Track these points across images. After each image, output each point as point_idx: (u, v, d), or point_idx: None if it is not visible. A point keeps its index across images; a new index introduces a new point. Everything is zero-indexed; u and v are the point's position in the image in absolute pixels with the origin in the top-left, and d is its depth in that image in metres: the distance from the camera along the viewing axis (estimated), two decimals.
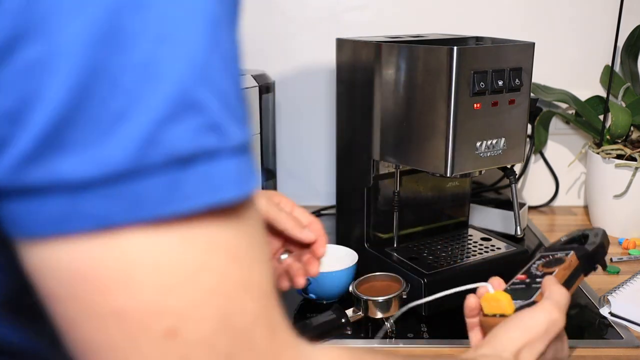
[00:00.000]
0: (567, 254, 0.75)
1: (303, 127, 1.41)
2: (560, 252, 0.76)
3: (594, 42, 1.36)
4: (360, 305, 0.90)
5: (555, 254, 0.76)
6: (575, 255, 0.74)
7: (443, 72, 0.87)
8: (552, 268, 0.73)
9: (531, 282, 0.72)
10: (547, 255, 0.77)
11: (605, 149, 1.25)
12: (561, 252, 0.76)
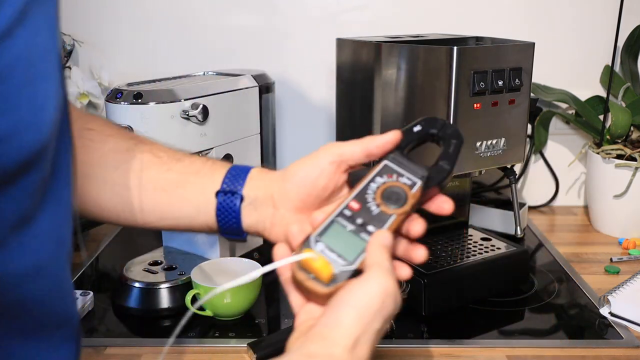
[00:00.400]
0: (413, 183, 0.60)
1: (303, 127, 1.41)
2: (405, 177, 0.60)
3: (594, 42, 1.36)
4: None
5: (400, 178, 0.60)
6: (421, 188, 0.60)
7: (443, 72, 0.87)
8: (391, 208, 0.58)
9: (362, 222, 0.57)
10: (392, 173, 0.61)
11: (605, 149, 1.25)
12: (407, 176, 0.61)
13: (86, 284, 1.08)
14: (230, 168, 0.67)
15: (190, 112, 0.94)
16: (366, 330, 0.51)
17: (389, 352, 0.87)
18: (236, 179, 0.66)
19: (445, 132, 0.63)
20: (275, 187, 0.64)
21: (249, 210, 0.65)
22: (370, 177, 0.61)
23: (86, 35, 1.35)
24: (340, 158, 0.62)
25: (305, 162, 0.64)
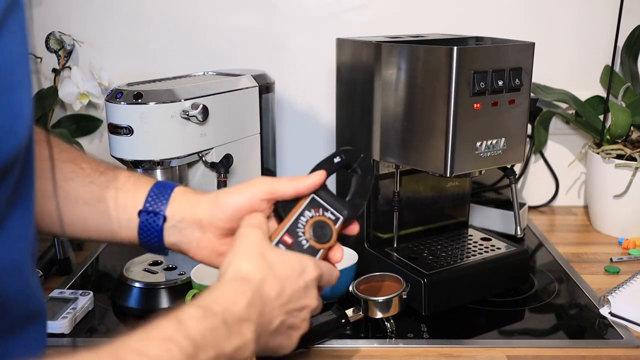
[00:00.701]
0: (337, 218, 0.68)
1: (303, 127, 1.41)
2: (330, 212, 0.68)
3: (594, 42, 1.36)
4: (360, 305, 0.90)
5: (325, 212, 0.68)
6: (342, 223, 0.69)
7: (443, 72, 0.87)
8: (319, 244, 0.67)
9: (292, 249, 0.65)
10: (318, 208, 0.68)
11: (605, 149, 1.25)
12: (332, 211, 0.69)
13: (86, 284, 1.08)
14: (153, 186, 0.69)
15: (190, 112, 0.94)
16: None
17: (389, 352, 0.87)
18: (159, 198, 0.67)
19: (361, 166, 0.72)
20: (205, 213, 0.67)
21: (172, 231, 0.67)
22: (300, 210, 0.67)
23: (86, 35, 1.34)
24: (271, 196, 0.67)
25: (238, 193, 0.67)
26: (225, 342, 0.52)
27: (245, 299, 0.55)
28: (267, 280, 0.59)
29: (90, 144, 1.43)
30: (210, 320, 0.52)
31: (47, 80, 1.36)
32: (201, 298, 0.55)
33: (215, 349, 0.51)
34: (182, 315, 0.51)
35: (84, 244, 1.24)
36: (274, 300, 0.59)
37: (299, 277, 0.61)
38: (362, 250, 1.06)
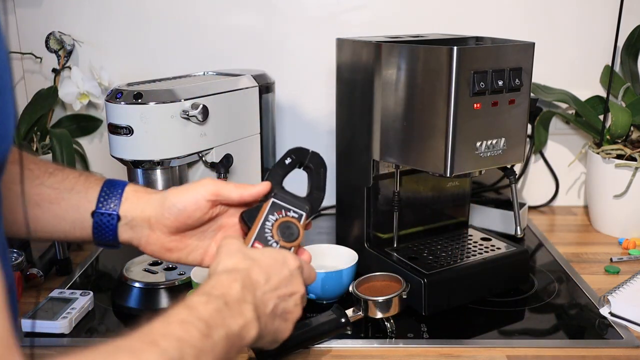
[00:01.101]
0: (300, 215, 0.74)
1: (303, 127, 1.41)
2: (292, 211, 0.73)
3: (594, 42, 1.36)
4: (360, 305, 0.90)
5: (288, 213, 0.73)
6: (306, 218, 0.74)
7: (443, 72, 0.87)
8: (288, 243, 0.72)
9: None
10: (280, 210, 0.73)
11: (605, 149, 1.25)
12: (294, 210, 0.73)
13: (86, 284, 1.08)
14: (103, 185, 0.71)
15: (190, 112, 0.94)
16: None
17: (389, 352, 0.87)
18: (110, 198, 0.70)
19: (313, 162, 0.77)
20: (152, 212, 0.70)
21: (125, 229, 0.70)
22: (264, 216, 0.72)
23: (86, 35, 1.35)
24: (216, 198, 0.71)
25: (184, 194, 0.70)
26: (231, 321, 0.57)
27: (238, 284, 0.60)
28: (253, 268, 0.64)
29: (90, 144, 1.43)
30: (214, 303, 0.57)
31: (47, 80, 1.36)
32: (200, 288, 0.60)
33: (224, 327, 0.56)
34: (190, 302, 0.56)
35: (84, 244, 1.24)
36: (263, 285, 0.63)
37: (283, 266, 0.66)
38: (362, 250, 1.06)
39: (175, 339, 0.50)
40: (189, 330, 0.52)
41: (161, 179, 0.98)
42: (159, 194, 0.72)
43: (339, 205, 1.16)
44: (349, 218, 1.13)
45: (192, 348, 0.51)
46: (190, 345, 0.51)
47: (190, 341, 0.51)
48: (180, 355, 0.49)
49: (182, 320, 0.53)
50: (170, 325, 0.52)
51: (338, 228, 1.18)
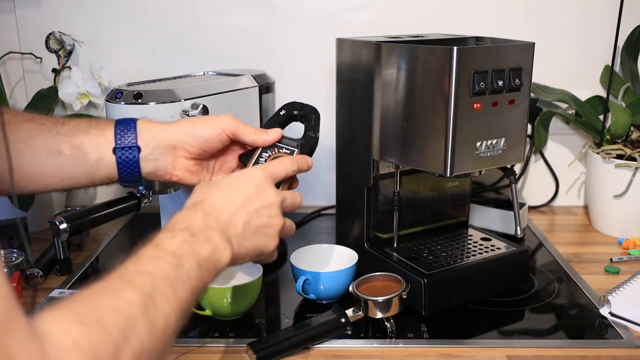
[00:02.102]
0: (292, 151, 0.80)
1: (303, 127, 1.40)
2: (285, 149, 0.80)
3: (594, 42, 1.36)
4: (360, 305, 0.90)
5: (281, 150, 0.80)
6: (299, 153, 0.80)
7: (443, 72, 0.87)
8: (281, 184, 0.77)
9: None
10: (274, 148, 0.80)
11: (605, 149, 1.25)
12: (286, 147, 0.81)
13: (86, 284, 1.08)
14: (115, 124, 0.75)
15: (190, 112, 0.94)
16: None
17: (389, 352, 0.87)
18: (127, 133, 0.74)
19: (305, 111, 0.85)
20: (177, 140, 0.76)
21: (147, 161, 0.75)
22: (258, 154, 0.79)
23: (86, 35, 1.35)
24: (234, 135, 0.78)
25: (208, 125, 0.77)
26: (200, 248, 0.60)
27: (200, 214, 0.64)
28: (212, 195, 0.67)
29: None
30: (179, 236, 0.60)
31: (47, 80, 1.36)
32: (165, 226, 0.63)
33: (194, 255, 0.59)
34: (156, 240, 0.60)
35: (84, 244, 1.24)
36: (227, 207, 0.66)
37: (246, 184, 0.69)
38: (362, 250, 1.06)
39: (148, 275, 0.53)
40: (159, 264, 0.55)
41: None
42: (180, 123, 0.77)
43: (339, 205, 1.16)
44: (349, 218, 1.13)
45: (165, 279, 0.54)
46: (164, 277, 0.54)
47: (162, 274, 0.54)
48: (155, 288, 0.53)
49: (152, 257, 0.57)
50: (141, 263, 0.55)
51: (338, 228, 1.18)
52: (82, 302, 0.48)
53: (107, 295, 0.50)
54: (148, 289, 0.52)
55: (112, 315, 0.47)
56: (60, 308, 0.46)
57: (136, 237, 1.30)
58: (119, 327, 0.47)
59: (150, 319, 0.50)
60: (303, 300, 1.01)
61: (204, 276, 0.59)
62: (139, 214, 1.34)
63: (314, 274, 0.97)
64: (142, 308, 0.50)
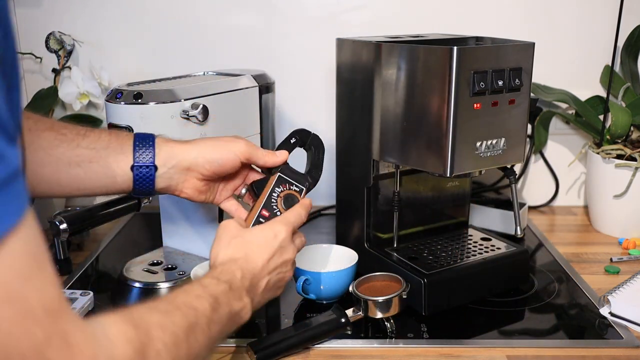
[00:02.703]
0: (301, 190, 0.86)
1: (303, 127, 1.40)
2: (295, 186, 0.86)
3: (594, 42, 1.36)
4: (360, 305, 0.90)
5: (291, 187, 0.86)
6: (306, 192, 0.86)
7: (443, 72, 0.87)
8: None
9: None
10: (285, 183, 0.85)
11: (605, 149, 1.25)
12: (296, 184, 0.86)
13: (86, 284, 1.08)
14: (134, 139, 0.78)
15: (190, 112, 0.94)
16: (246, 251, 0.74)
17: (389, 352, 0.87)
18: (145, 151, 0.78)
19: (314, 143, 0.91)
20: (192, 162, 0.80)
21: (162, 178, 0.80)
22: (271, 188, 0.85)
23: (86, 35, 1.35)
24: (247, 160, 0.83)
25: (222, 151, 0.81)
26: (234, 303, 0.68)
27: (240, 273, 0.71)
28: (250, 254, 0.74)
29: None
30: (223, 286, 0.67)
31: (47, 80, 1.36)
32: (210, 274, 0.70)
33: (228, 306, 0.66)
34: (203, 282, 0.67)
35: (84, 244, 1.24)
36: (254, 268, 0.73)
37: (274, 241, 0.76)
38: (362, 250, 1.06)
39: (193, 308, 0.61)
40: (203, 303, 0.63)
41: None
42: (197, 145, 0.81)
43: (339, 205, 1.16)
44: (349, 218, 1.13)
45: (205, 317, 0.61)
46: (204, 315, 0.62)
47: (203, 312, 0.62)
48: (196, 321, 0.60)
49: (198, 295, 0.64)
50: (188, 297, 0.63)
51: (338, 228, 1.18)
52: (134, 312, 0.54)
53: (157, 313, 0.57)
54: (191, 320, 0.59)
55: (159, 330, 0.54)
56: (114, 312, 0.52)
57: (136, 237, 1.30)
58: (162, 341, 0.53)
59: (189, 344, 0.57)
60: (303, 300, 1.01)
61: (229, 325, 0.68)
62: (139, 214, 1.35)
63: (314, 274, 0.97)
64: (184, 332, 0.57)
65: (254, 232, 0.77)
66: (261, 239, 0.76)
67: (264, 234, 0.77)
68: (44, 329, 0.42)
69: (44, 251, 0.43)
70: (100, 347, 0.46)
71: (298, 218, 0.81)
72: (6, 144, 0.39)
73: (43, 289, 0.42)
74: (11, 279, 0.40)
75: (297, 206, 0.83)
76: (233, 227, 0.77)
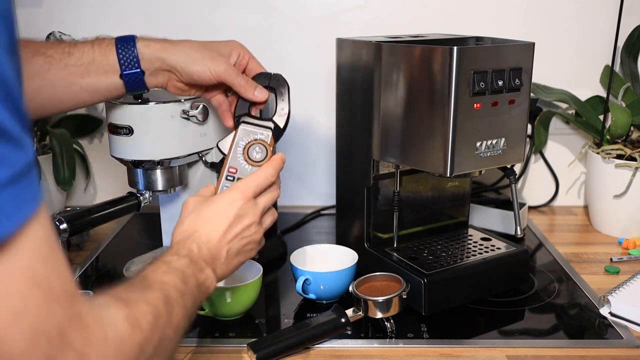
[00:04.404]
0: (267, 136, 0.84)
1: (303, 127, 1.41)
2: (259, 130, 0.84)
3: (594, 42, 1.36)
4: (360, 305, 0.90)
5: (255, 136, 0.84)
6: (273, 136, 0.84)
7: (443, 72, 0.87)
8: (259, 162, 0.83)
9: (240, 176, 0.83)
10: (249, 134, 0.84)
11: (605, 149, 1.25)
12: (261, 130, 0.84)
13: (86, 284, 1.08)
14: (117, 47, 0.81)
15: (190, 112, 0.94)
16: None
17: (389, 352, 0.87)
18: (129, 58, 0.81)
19: (274, 82, 0.88)
20: (171, 66, 0.83)
21: (150, 78, 0.84)
22: (235, 143, 0.83)
23: (86, 35, 1.34)
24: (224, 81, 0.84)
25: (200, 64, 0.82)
26: (198, 274, 0.70)
27: (195, 246, 0.73)
28: (202, 227, 0.75)
29: (90, 144, 1.43)
30: (184, 260, 0.70)
31: None
32: (168, 251, 0.72)
33: (194, 278, 0.69)
34: (165, 259, 0.69)
35: (84, 244, 1.24)
36: (209, 240, 0.74)
37: (229, 209, 0.76)
38: (362, 250, 1.06)
39: (164, 283, 0.64)
40: (171, 277, 0.65)
41: (161, 179, 0.98)
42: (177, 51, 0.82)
43: (339, 205, 1.16)
44: (349, 218, 1.13)
45: (176, 290, 0.64)
46: (175, 287, 0.64)
47: (174, 285, 0.64)
48: (170, 293, 0.62)
49: (165, 271, 0.66)
50: (156, 274, 0.65)
51: (338, 228, 1.18)
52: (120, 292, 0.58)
53: (137, 291, 0.60)
54: (165, 293, 0.62)
55: (144, 305, 0.57)
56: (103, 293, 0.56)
57: (136, 237, 1.30)
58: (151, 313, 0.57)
59: (169, 313, 0.60)
60: (303, 300, 1.01)
61: (200, 296, 0.70)
62: (139, 214, 1.34)
63: (314, 274, 0.97)
64: (163, 304, 0.60)
65: (210, 205, 0.77)
66: (214, 210, 0.76)
67: (217, 205, 0.77)
68: (64, 310, 0.44)
69: (56, 236, 0.45)
70: (107, 327, 0.49)
71: (260, 179, 0.80)
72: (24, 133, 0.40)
73: (60, 272, 0.45)
74: (35, 263, 0.42)
75: (264, 167, 0.81)
76: (191, 203, 0.78)
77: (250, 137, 0.84)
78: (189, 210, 0.78)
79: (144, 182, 0.98)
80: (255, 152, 0.83)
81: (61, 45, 0.81)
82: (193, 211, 0.77)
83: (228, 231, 0.76)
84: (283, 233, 1.30)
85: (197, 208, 0.77)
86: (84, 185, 1.45)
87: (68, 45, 0.81)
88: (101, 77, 0.81)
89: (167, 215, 1.12)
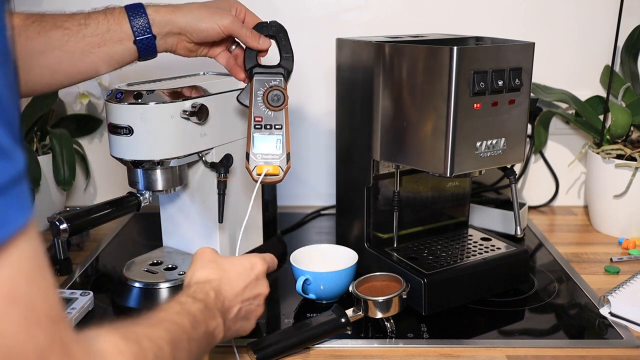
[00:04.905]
0: (280, 81, 0.89)
1: (303, 127, 1.41)
2: (272, 77, 0.89)
3: (594, 42, 1.36)
4: (360, 305, 0.90)
5: (270, 81, 0.89)
6: (285, 81, 0.90)
7: (443, 72, 0.87)
8: (279, 107, 0.88)
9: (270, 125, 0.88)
10: (263, 83, 0.89)
11: (605, 149, 1.25)
12: (273, 77, 0.89)
13: (86, 284, 1.08)
14: (128, 15, 0.85)
15: (190, 112, 0.94)
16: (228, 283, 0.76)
17: (389, 352, 0.87)
18: (141, 24, 0.85)
19: (273, 30, 0.93)
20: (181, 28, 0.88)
21: (160, 43, 0.88)
22: (254, 94, 0.88)
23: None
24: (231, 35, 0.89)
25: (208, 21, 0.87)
26: (209, 322, 0.69)
27: (213, 293, 0.72)
28: (223, 280, 0.76)
29: (90, 144, 1.43)
30: (198, 304, 0.69)
31: None
32: (184, 292, 0.72)
33: (204, 325, 0.68)
34: (180, 299, 0.69)
35: (84, 244, 1.24)
36: (228, 293, 0.75)
37: (250, 271, 0.78)
38: (362, 250, 1.06)
39: (174, 323, 0.63)
40: (182, 320, 0.65)
41: (161, 179, 0.98)
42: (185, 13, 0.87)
43: (339, 205, 1.16)
44: (349, 218, 1.13)
45: (185, 332, 0.63)
46: (184, 330, 0.63)
47: (183, 328, 0.64)
48: (178, 336, 0.61)
49: (177, 311, 0.66)
50: (168, 313, 0.65)
51: (338, 228, 1.18)
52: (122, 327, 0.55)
53: (142, 326, 0.59)
54: (173, 334, 0.61)
55: (148, 342, 0.56)
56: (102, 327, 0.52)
57: (136, 237, 1.30)
58: (152, 352, 0.55)
59: (172, 357, 0.59)
60: (303, 300, 1.01)
61: (206, 344, 0.69)
62: (139, 214, 1.34)
63: (314, 274, 0.97)
64: (169, 345, 0.59)
65: (231, 260, 0.79)
66: (238, 267, 0.78)
67: (240, 263, 0.79)
68: (46, 335, 0.41)
69: (45, 256, 0.43)
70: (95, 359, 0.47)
71: (272, 262, 0.84)
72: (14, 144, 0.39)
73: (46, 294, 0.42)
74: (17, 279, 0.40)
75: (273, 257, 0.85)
76: (209, 252, 0.80)
77: (266, 85, 0.88)
78: (208, 258, 0.78)
79: (144, 182, 0.98)
80: (274, 98, 0.88)
81: (76, 17, 0.84)
82: (213, 260, 0.78)
83: (246, 290, 0.77)
84: (283, 233, 1.30)
85: (218, 259, 0.78)
86: (84, 185, 1.45)
87: (82, 16, 0.84)
88: (116, 45, 0.85)
89: (167, 215, 1.12)
